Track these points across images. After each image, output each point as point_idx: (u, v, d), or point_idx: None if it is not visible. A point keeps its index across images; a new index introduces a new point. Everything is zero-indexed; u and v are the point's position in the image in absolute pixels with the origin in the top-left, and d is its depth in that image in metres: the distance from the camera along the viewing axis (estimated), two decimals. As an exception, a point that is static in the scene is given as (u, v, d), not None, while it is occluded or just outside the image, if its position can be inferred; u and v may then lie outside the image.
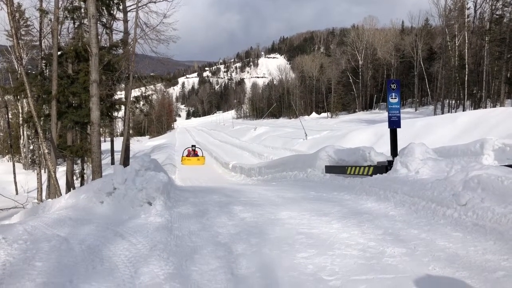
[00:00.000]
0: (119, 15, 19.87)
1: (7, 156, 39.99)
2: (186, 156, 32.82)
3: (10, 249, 4.05)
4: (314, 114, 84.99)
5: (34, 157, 34.18)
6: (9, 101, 34.81)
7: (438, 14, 51.75)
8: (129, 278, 3.78)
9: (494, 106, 40.19)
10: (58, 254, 4.19)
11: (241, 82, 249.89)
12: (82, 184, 21.83)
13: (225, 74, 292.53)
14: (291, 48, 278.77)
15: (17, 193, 26.70)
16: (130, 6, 19.32)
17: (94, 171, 11.36)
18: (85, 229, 5.38)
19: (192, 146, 35.69)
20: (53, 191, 13.87)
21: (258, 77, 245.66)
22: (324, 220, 6.00)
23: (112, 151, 24.75)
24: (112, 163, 24.68)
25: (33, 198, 22.14)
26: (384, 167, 9.02)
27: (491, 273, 3.65)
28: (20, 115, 34.25)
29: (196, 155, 33.54)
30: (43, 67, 19.25)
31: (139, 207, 6.48)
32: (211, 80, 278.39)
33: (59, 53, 16.72)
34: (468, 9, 48.52)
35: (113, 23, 20.51)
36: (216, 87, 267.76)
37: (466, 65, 45.46)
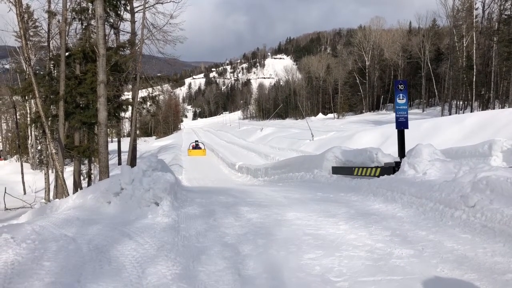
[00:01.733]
0: (126, 16, 19.99)
1: (15, 156, 40.29)
2: (192, 149, 43.96)
3: (18, 249, 4.08)
4: (320, 115, 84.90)
5: (42, 157, 34.40)
6: (17, 101, 35.13)
7: (445, 15, 51.51)
8: (136, 278, 3.79)
9: (503, 107, 39.88)
10: (66, 254, 4.21)
11: (247, 83, 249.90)
12: (89, 184, 21.93)
13: (231, 75, 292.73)
14: (297, 48, 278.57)
15: (25, 193, 26.92)
16: (137, 7, 19.44)
17: (101, 171, 11.41)
18: (92, 229, 5.41)
19: (196, 141, 48.01)
20: (61, 191, 13.94)
21: (264, 78, 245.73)
22: (331, 221, 5.98)
23: (119, 151, 24.89)
24: (119, 163, 24.82)
25: (40, 198, 22.30)
26: (392, 168, 8.97)
27: (500, 275, 3.61)
28: (28, 116, 34.51)
29: (199, 148, 44.44)
30: (51, 68, 19.37)
31: (146, 208, 6.49)
32: (217, 81, 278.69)
33: (67, 54, 16.82)
34: (476, 9, 48.26)
35: (120, 24, 20.62)
36: (223, 88, 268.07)
37: (474, 66, 45.17)
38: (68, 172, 24.37)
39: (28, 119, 34.05)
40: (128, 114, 22.73)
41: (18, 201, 20.13)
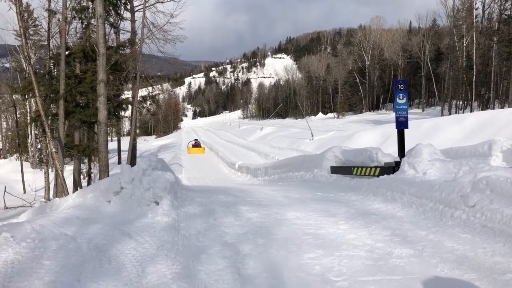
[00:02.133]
0: (127, 15, 19.92)
1: (15, 155, 40.28)
2: (191, 147, 46.00)
3: (18, 248, 4.07)
4: (320, 115, 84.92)
5: (42, 156, 34.38)
6: (17, 100, 35.09)
7: (446, 15, 51.53)
8: (136, 278, 3.79)
9: (503, 107, 39.89)
10: (66, 253, 4.21)
11: (247, 82, 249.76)
12: (89, 183, 21.92)
13: (231, 74, 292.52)
14: (297, 48, 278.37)
15: (24, 192, 26.91)
16: (137, 6, 19.35)
17: (101, 170, 11.40)
18: (92, 228, 5.40)
19: (195, 140, 50.43)
20: (61, 190, 13.93)
21: (264, 77, 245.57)
22: (331, 220, 5.98)
23: (119, 150, 24.81)
24: (119, 162, 24.75)
25: (40, 197, 22.32)
26: (391, 168, 8.97)
27: (500, 275, 3.61)
28: (28, 114, 34.51)
29: (198, 146, 46.51)
30: (51, 66, 19.35)
31: (146, 207, 6.49)
32: (217, 80, 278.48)
33: (67, 53, 16.81)
34: (476, 9, 48.26)
35: (120, 23, 20.56)
36: (223, 87, 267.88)
37: (474, 66, 45.19)
38: (68, 171, 24.36)
39: (28, 118, 34.03)
40: (128, 113, 22.72)
41: (18, 200, 20.14)
